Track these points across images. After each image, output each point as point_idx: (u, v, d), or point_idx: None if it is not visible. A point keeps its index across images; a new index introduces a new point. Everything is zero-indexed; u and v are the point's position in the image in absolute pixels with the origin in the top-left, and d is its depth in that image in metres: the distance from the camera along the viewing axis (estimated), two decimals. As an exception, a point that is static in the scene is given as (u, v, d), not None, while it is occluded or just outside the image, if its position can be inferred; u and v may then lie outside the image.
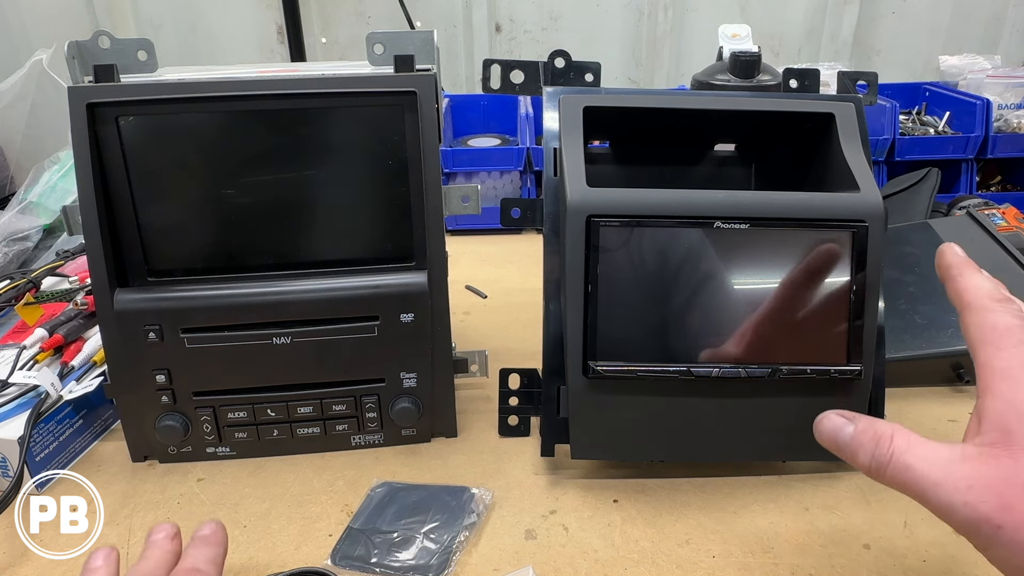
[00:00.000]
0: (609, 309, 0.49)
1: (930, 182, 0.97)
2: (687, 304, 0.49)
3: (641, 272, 0.49)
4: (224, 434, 0.56)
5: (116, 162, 0.50)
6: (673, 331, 0.49)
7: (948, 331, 0.64)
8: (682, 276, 0.49)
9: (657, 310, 0.49)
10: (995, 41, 1.64)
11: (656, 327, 0.49)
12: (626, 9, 1.61)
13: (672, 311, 0.49)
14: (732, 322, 0.49)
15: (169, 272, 0.53)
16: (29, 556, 0.48)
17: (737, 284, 0.49)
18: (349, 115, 0.51)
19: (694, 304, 0.49)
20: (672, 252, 0.49)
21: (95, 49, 0.52)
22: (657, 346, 0.49)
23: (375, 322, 0.54)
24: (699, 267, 0.49)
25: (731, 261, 0.49)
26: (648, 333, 0.49)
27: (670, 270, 0.49)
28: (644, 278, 0.49)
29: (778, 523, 0.49)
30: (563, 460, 0.55)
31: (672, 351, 0.49)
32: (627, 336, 0.49)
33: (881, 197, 0.50)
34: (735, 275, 0.49)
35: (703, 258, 0.49)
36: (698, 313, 0.49)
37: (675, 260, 0.49)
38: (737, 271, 0.49)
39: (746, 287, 0.49)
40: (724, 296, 0.49)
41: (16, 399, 0.55)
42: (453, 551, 0.47)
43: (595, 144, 0.65)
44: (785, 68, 0.61)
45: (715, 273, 0.49)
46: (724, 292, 0.49)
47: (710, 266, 0.49)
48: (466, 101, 1.24)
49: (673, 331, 0.49)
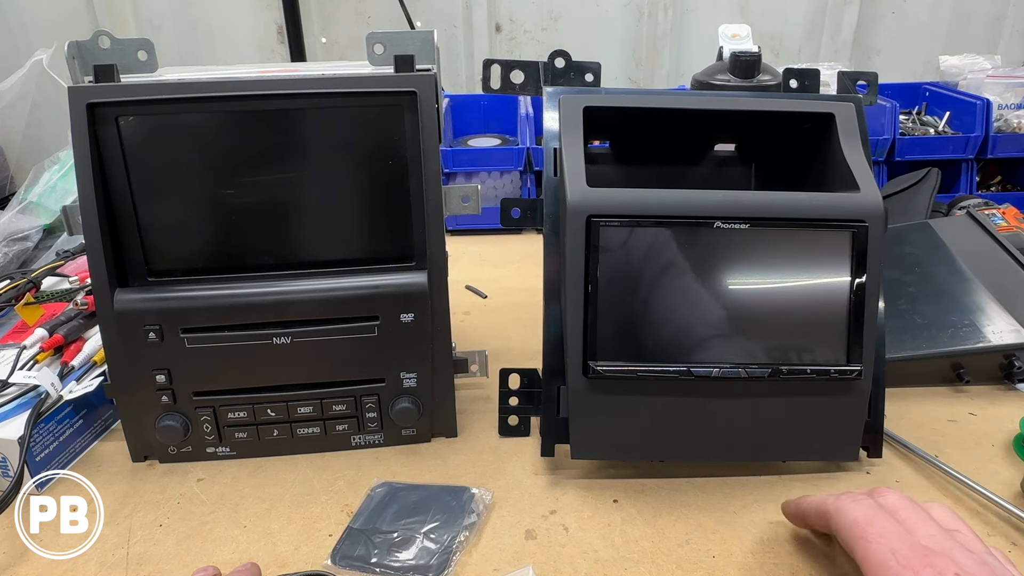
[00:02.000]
0: (609, 309, 0.49)
1: (930, 182, 0.97)
2: (687, 304, 0.49)
3: (641, 272, 0.49)
4: (224, 434, 0.56)
5: (116, 162, 0.50)
6: (673, 331, 0.49)
7: (948, 331, 0.64)
8: (682, 276, 0.49)
9: (657, 310, 0.49)
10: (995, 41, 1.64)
11: (656, 327, 0.49)
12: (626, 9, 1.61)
13: (672, 311, 0.49)
14: (732, 322, 0.49)
15: (169, 272, 0.53)
16: (29, 556, 0.48)
17: (737, 284, 0.49)
18: (349, 115, 0.51)
19: (694, 304, 0.49)
20: (672, 252, 0.49)
21: (95, 49, 0.52)
22: (657, 346, 0.49)
23: (375, 322, 0.54)
24: (699, 267, 0.49)
25: (731, 261, 0.49)
26: (648, 333, 0.49)
27: (670, 270, 0.49)
28: (644, 278, 0.49)
29: (778, 523, 0.49)
30: (563, 460, 0.55)
31: (672, 351, 0.49)
32: (627, 336, 0.49)
33: (881, 197, 0.50)
34: (735, 275, 0.49)
35: (703, 258, 0.49)
36: (698, 313, 0.49)
37: (675, 260, 0.49)
38: (737, 271, 0.49)
39: (746, 287, 0.49)
40: (724, 296, 0.49)
41: (16, 399, 0.55)
42: (453, 551, 0.47)
43: (595, 144, 0.65)
44: (785, 68, 0.61)
45: (715, 273, 0.49)
46: (724, 292, 0.49)
47: (710, 266, 0.49)
48: (466, 101, 1.24)
49: (673, 331, 0.49)
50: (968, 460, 0.55)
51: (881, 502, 0.40)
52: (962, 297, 0.67)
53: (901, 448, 0.57)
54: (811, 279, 0.50)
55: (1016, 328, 0.63)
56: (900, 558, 0.36)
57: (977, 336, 0.63)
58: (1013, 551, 0.47)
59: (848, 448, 0.53)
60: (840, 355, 0.49)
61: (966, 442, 0.58)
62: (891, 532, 0.38)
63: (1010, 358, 0.64)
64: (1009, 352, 0.63)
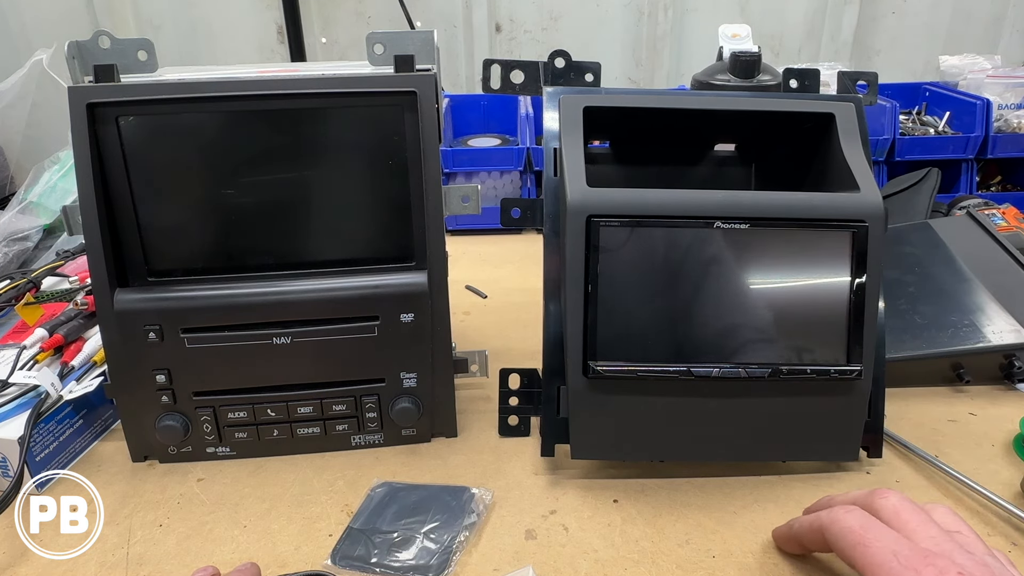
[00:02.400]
0: (609, 309, 0.49)
1: (930, 182, 0.97)
2: (687, 304, 0.49)
3: (641, 272, 0.49)
4: (224, 434, 0.56)
5: (116, 162, 0.50)
6: (673, 331, 0.49)
7: (948, 331, 0.64)
8: (682, 276, 0.49)
9: (657, 310, 0.49)
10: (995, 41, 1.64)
11: (656, 327, 0.49)
12: (626, 9, 1.61)
13: (672, 311, 0.49)
14: (732, 322, 0.49)
15: (169, 272, 0.53)
16: (29, 556, 0.48)
17: (737, 284, 0.49)
18: (349, 115, 0.51)
19: (694, 304, 0.49)
20: (672, 252, 0.49)
21: (95, 49, 0.52)
22: (657, 346, 0.49)
23: (375, 322, 0.54)
24: (699, 267, 0.49)
25: (731, 261, 0.49)
26: (648, 333, 0.49)
27: (670, 270, 0.49)
28: (644, 278, 0.49)
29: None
30: (563, 460, 0.55)
31: (672, 351, 0.49)
32: (627, 336, 0.49)
33: (881, 197, 0.50)
34: (735, 275, 0.49)
35: (703, 258, 0.49)
36: (698, 313, 0.49)
37: (675, 260, 0.49)
38: (737, 271, 0.49)
39: (746, 287, 0.49)
40: (724, 296, 0.49)
41: (16, 399, 0.55)
42: (453, 551, 0.47)
43: (595, 144, 0.65)
44: (785, 68, 0.61)
45: (715, 273, 0.49)
46: (724, 292, 0.49)
47: (710, 266, 0.49)
48: (466, 101, 1.24)
49: (673, 331, 0.49)
50: (968, 460, 0.55)
51: (882, 503, 0.40)
52: (962, 297, 0.67)
53: (901, 448, 0.57)
54: (811, 279, 0.50)
55: (1016, 328, 0.63)
56: (901, 559, 0.36)
57: (977, 336, 0.63)
58: (1013, 551, 0.47)
59: (848, 448, 0.53)
60: (840, 355, 0.49)
61: (966, 442, 0.58)
62: (890, 536, 0.38)
63: (1010, 358, 0.64)
64: (1009, 352, 0.63)
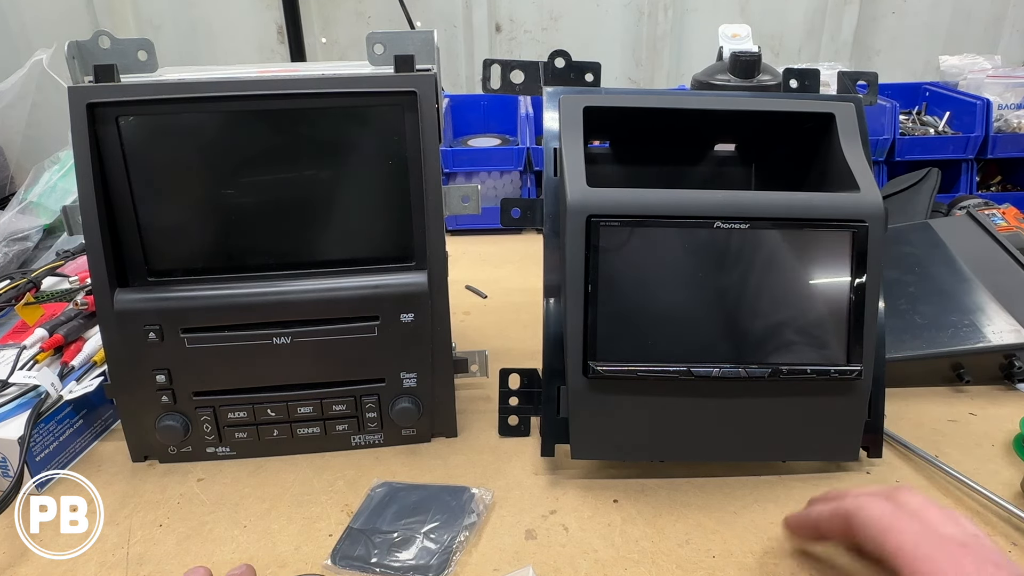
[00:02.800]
0: (609, 309, 0.49)
1: (930, 182, 0.97)
2: (687, 304, 0.49)
3: (641, 272, 0.49)
4: (224, 434, 0.56)
5: (116, 162, 0.50)
6: (673, 331, 0.49)
7: (948, 331, 0.64)
8: (682, 276, 0.49)
9: (657, 310, 0.49)
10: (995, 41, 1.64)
11: (656, 327, 0.49)
12: (626, 9, 1.61)
13: (672, 311, 0.49)
14: (732, 322, 0.49)
15: (169, 272, 0.53)
16: (29, 556, 0.48)
17: (737, 284, 0.49)
18: (349, 115, 0.51)
19: (694, 304, 0.49)
20: (672, 252, 0.49)
21: (95, 49, 0.52)
22: (657, 346, 0.49)
23: (375, 322, 0.54)
24: (699, 267, 0.49)
25: (731, 261, 0.49)
26: (648, 333, 0.49)
27: (670, 270, 0.49)
28: (644, 278, 0.49)
29: (778, 523, 0.49)
30: (563, 460, 0.55)
31: (672, 351, 0.49)
32: (627, 336, 0.49)
33: (881, 197, 0.50)
34: (735, 275, 0.49)
35: (703, 258, 0.49)
36: (698, 313, 0.49)
37: (675, 260, 0.49)
38: (737, 271, 0.49)
39: (746, 287, 0.49)
40: (724, 296, 0.49)
41: (16, 399, 0.55)
42: (453, 551, 0.47)
43: (595, 144, 0.65)
44: (785, 68, 0.61)
45: (715, 273, 0.49)
46: (724, 292, 0.49)
47: (710, 266, 0.49)
48: (466, 101, 1.24)
49: (673, 331, 0.49)
50: (968, 460, 0.55)
51: (908, 498, 0.40)
52: (962, 297, 0.67)
53: (901, 448, 0.57)
54: (811, 279, 0.50)
55: (1016, 328, 0.63)
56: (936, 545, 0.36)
57: (977, 336, 0.63)
58: (1013, 551, 0.47)
59: (848, 448, 0.53)
60: (840, 355, 0.49)
61: (966, 442, 0.58)
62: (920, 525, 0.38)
63: (1010, 358, 0.64)
64: (1009, 352, 0.63)
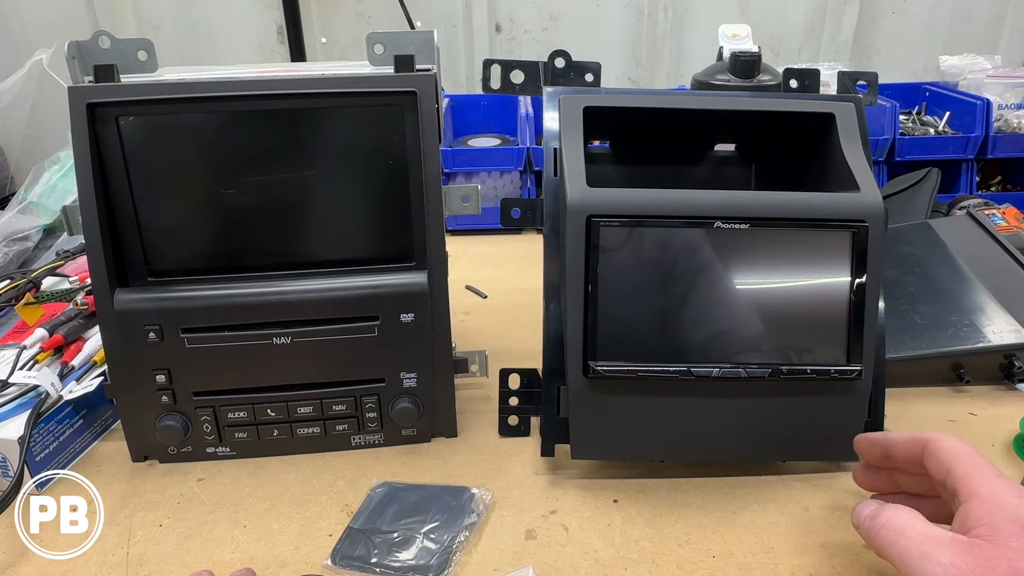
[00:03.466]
0: (609, 309, 0.49)
1: (930, 182, 0.97)
2: (687, 304, 0.49)
3: (641, 272, 0.49)
4: (224, 434, 0.56)
5: (116, 162, 0.50)
6: (673, 331, 0.49)
7: (948, 331, 0.64)
8: (682, 276, 0.49)
9: (657, 310, 0.49)
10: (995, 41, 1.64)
11: (656, 327, 0.49)
12: (626, 9, 1.61)
13: (672, 311, 0.49)
14: (732, 322, 0.49)
15: (169, 272, 0.53)
16: (29, 556, 0.48)
17: (737, 284, 0.49)
18: (349, 115, 0.51)
19: (694, 304, 0.49)
20: (672, 252, 0.49)
21: (95, 49, 0.52)
22: (657, 346, 0.49)
23: (375, 322, 0.54)
24: (699, 267, 0.49)
25: (731, 261, 0.49)
26: (648, 333, 0.49)
27: (670, 270, 0.49)
28: (644, 278, 0.49)
29: (778, 523, 0.49)
30: (563, 460, 0.55)
31: (672, 351, 0.49)
32: (627, 336, 0.49)
33: (881, 197, 0.50)
34: (735, 275, 0.49)
35: (703, 258, 0.49)
36: (698, 313, 0.49)
37: (675, 260, 0.49)
38: (737, 271, 0.49)
39: (746, 287, 0.49)
40: (724, 296, 0.49)
41: (16, 399, 0.55)
42: (453, 551, 0.47)
43: (595, 144, 0.65)
44: (785, 68, 0.61)
45: (715, 273, 0.49)
46: (724, 292, 0.49)
47: (710, 266, 0.49)
48: (466, 101, 1.24)
49: (673, 331, 0.49)
50: (968, 460, 0.55)
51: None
52: (962, 297, 0.67)
53: (901, 448, 0.57)
54: (811, 279, 0.50)
55: (1016, 328, 0.63)
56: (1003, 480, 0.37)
57: (977, 336, 0.63)
58: (1013, 551, 0.47)
59: (848, 448, 0.53)
60: (840, 355, 0.49)
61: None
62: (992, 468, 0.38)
63: (1010, 358, 0.64)
64: (1009, 352, 0.63)
